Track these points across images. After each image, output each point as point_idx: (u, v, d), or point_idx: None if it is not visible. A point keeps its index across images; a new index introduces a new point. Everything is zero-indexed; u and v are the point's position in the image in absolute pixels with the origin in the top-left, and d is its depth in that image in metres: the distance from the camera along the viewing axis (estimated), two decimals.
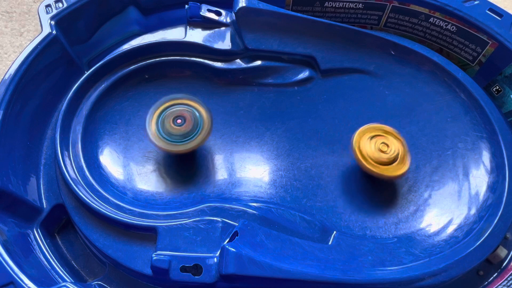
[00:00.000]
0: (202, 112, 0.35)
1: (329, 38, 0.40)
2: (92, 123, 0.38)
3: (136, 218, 0.33)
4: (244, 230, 0.31)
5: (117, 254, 0.32)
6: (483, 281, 0.35)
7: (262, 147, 0.39)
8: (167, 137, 0.34)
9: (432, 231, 0.34)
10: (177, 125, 0.35)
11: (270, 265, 0.30)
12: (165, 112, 0.35)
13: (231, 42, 0.40)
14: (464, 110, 0.39)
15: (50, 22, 0.39)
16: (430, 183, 0.37)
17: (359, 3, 0.43)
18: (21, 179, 0.36)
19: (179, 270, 0.30)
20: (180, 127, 0.35)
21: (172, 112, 0.35)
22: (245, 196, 0.36)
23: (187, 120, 0.35)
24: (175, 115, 0.35)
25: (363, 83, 0.41)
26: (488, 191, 0.35)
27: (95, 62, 0.41)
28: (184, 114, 0.35)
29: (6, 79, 0.36)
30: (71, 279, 0.34)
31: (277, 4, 0.41)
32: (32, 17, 0.53)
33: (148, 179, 0.37)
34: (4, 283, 0.29)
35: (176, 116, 0.35)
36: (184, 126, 0.35)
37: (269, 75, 0.41)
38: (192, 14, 0.40)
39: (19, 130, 0.37)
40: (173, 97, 0.36)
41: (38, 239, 0.35)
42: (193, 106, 0.35)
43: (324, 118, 0.40)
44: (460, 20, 0.41)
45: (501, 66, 0.41)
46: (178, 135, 0.34)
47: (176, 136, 0.34)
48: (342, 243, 0.33)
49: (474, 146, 0.37)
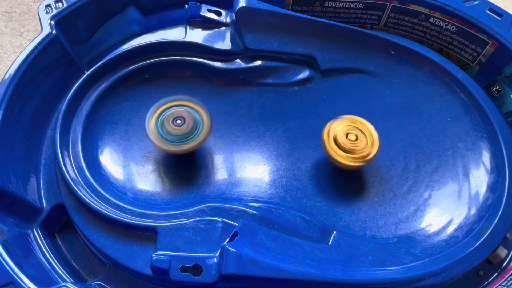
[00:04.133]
0: (201, 113, 0.35)
1: (329, 38, 0.40)
2: (92, 123, 0.38)
3: (136, 218, 0.33)
4: (244, 230, 0.31)
5: (117, 254, 0.32)
6: (483, 281, 0.35)
7: (262, 147, 0.39)
8: (166, 137, 0.34)
9: (432, 231, 0.34)
10: (176, 125, 0.35)
11: (270, 265, 0.30)
12: (165, 113, 0.35)
13: (231, 42, 0.40)
14: (464, 110, 0.39)
15: (50, 22, 0.39)
16: (430, 183, 0.37)
17: (359, 3, 0.43)
18: (21, 179, 0.36)
19: (179, 270, 0.30)
20: (180, 127, 0.35)
21: (172, 113, 0.35)
22: (245, 196, 0.36)
23: (186, 120, 0.35)
24: (174, 116, 0.35)
25: (363, 83, 0.41)
26: (488, 191, 0.35)
27: (95, 62, 0.41)
28: (183, 115, 0.35)
29: (6, 79, 0.36)
30: (71, 279, 0.34)
31: (277, 4, 0.41)
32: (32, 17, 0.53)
33: (148, 179, 0.37)
34: (4, 283, 0.29)
35: (176, 117, 0.35)
36: (183, 126, 0.35)
37: (269, 75, 0.41)
38: (192, 14, 0.40)
39: (19, 130, 0.37)
40: (172, 98, 0.36)
41: (38, 239, 0.35)
42: (192, 107, 0.36)
43: (324, 118, 0.40)
44: (460, 20, 0.41)
45: (501, 66, 0.41)
46: (178, 136, 0.34)
47: (175, 137, 0.34)
48: (342, 243, 0.33)
49: (474, 146, 0.37)
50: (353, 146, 0.35)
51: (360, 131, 0.35)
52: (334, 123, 0.36)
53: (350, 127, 0.36)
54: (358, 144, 0.35)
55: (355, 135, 0.35)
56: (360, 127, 0.36)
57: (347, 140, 0.35)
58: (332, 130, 0.35)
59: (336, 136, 0.35)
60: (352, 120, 0.36)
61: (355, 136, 0.35)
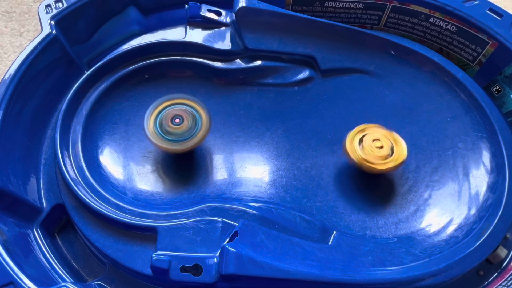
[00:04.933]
0: (200, 112, 0.35)
1: (329, 38, 0.40)
2: (92, 123, 0.38)
3: (136, 218, 0.33)
4: (244, 230, 0.31)
5: (117, 254, 0.32)
6: (483, 281, 0.35)
7: (262, 147, 0.39)
8: (165, 136, 0.34)
9: (432, 231, 0.34)
10: (175, 124, 0.35)
11: (270, 265, 0.30)
12: (163, 112, 0.35)
13: (231, 42, 0.40)
14: (464, 110, 0.39)
15: (50, 22, 0.39)
16: (430, 183, 0.37)
17: (359, 3, 0.43)
18: (21, 179, 0.36)
19: (179, 270, 0.30)
20: (178, 126, 0.35)
21: (170, 112, 0.35)
22: (245, 196, 0.36)
23: (185, 119, 0.35)
24: (173, 115, 0.35)
25: (363, 83, 0.41)
26: (488, 191, 0.35)
27: (95, 62, 0.41)
28: (182, 114, 0.35)
29: (6, 79, 0.36)
30: (71, 279, 0.34)
31: (277, 4, 0.41)
32: (32, 17, 0.53)
33: (148, 179, 0.37)
34: (4, 283, 0.29)
35: (174, 116, 0.35)
36: (182, 125, 0.35)
37: (269, 75, 0.41)
38: (192, 14, 0.40)
39: (19, 130, 0.37)
40: (171, 97, 0.36)
41: (38, 239, 0.35)
42: (191, 105, 0.36)
43: (324, 118, 0.40)
44: (460, 20, 0.41)
45: (501, 66, 0.41)
46: (176, 134, 0.34)
47: (174, 135, 0.34)
48: (342, 243, 0.33)
49: (474, 146, 0.37)
50: (370, 149, 0.35)
51: (391, 146, 0.35)
52: (377, 128, 0.36)
53: (383, 137, 0.35)
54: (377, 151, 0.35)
55: (381, 144, 0.35)
56: (393, 143, 0.35)
57: (372, 143, 0.35)
58: (368, 130, 0.35)
59: (366, 135, 0.35)
60: (394, 137, 0.36)
61: (381, 144, 0.35)
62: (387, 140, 0.35)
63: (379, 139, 0.35)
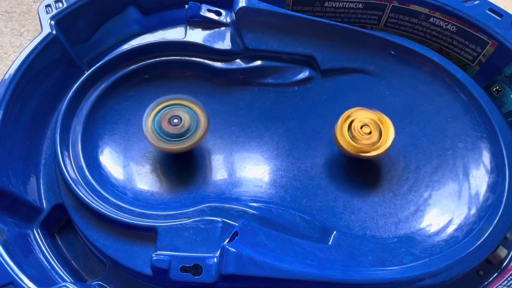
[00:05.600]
0: (198, 112, 0.35)
1: (329, 38, 0.40)
2: (92, 123, 0.38)
3: (136, 218, 0.33)
4: (244, 230, 0.31)
5: (117, 254, 0.32)
6: (483, 281, 0.35)
7: (262, 147, 0.39)
8: (164, 137, 0.34)
9: (432, 231, 0.34)
10: (173, 124, 0.35)
11: (270, 265, 0.30)
12: (161, 112, 0.35)
13: (231, 42, 0.40)
14: (464, 110, 0.39)
15: (50, 22, 0.39)
16: (430, 183, 0.37)
17: (359, 3, 0.43)
18: (21, 179, 0.36)
19: (179, 270, 0.30)
20: (176, 126, 0.35)
21: (168, 112, 0.35)
22: (245, 196, 0.36)
23: (183, 119, 0.35)
24: (171, 115, 0.35)
25: (363, 83, 0.41)
26: (488, 191, 0.35)
27: (95, 62, 0.41)
28: (180, 114, 0.35)
29: (6, 79, 0.36)
30: (71, 279, 0.34)
31: (277, 4, 0.41)
32: (32, 17, 0.53)
33: (148, 179, 0.37)
34: (4, 283, 0.29)
35: (172, 116, 0.35)
36: (180, 125, 0.35)
37: (269, 75, 0.41)
38: (192, 14, 0.40)
39: (19, 130, 0.37)
40: (169, 98, 0.36)
41: (38, 239, 0.35)
42: (189, 106, 0.36)
43: (324, 118, 0.40)
44: (460, 20, 0.41)
45: (501, 66, 0.41)
46: (175, 134, 0.34)
47: (172, 135, 0.34)
48: (342, 243, 0.33)
49: (474, 146, 0.37)
50: (360, 137, 0.35)
51: (379, 130, 0.36)
52: (361, 111, 0.36)
53: (371, 121, 0.36)
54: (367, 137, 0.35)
55: (370, 130, 0.35)
56: (382, 128, 0.36)
57: (361, 130, 0.35)
58: (354, 115, 0.36)
59: (353, 122, 0.36)
60: (379, 117, 0.36)
61: (369, 130, 0.35)
62: (373, 123, 0.36)
63: (367, 124, 0.36)
